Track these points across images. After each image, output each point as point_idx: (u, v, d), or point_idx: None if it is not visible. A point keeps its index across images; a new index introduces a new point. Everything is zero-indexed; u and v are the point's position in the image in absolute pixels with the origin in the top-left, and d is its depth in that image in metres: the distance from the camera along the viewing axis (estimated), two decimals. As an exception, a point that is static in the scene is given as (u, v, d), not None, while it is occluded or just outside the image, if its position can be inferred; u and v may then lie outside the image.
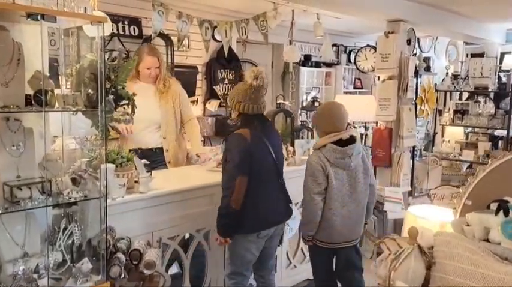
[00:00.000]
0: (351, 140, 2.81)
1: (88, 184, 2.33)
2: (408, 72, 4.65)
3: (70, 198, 2.08)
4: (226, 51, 4.04)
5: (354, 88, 7.61)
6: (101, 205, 2.26)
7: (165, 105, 3.64)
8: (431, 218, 2.84)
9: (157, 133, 3.67)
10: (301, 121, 4.43)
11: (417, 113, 4.94)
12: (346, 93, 7.27)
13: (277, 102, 5.30)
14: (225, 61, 5.70)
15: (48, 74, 2.19)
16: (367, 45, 5.08)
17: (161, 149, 3.68)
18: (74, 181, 2.42)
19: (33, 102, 2.03)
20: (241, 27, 4.02)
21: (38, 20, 1.79)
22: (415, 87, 4.85)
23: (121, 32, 4.71)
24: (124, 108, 2.28)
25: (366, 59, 5.10)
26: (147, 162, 2.97)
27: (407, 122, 4.76)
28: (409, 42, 4.85)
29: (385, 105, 4.79)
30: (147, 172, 2.96)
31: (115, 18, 4.64)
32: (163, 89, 3.60)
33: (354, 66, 7.25)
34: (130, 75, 2.38)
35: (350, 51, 7.37)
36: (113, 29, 4.61)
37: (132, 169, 2.89)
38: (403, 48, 4.74)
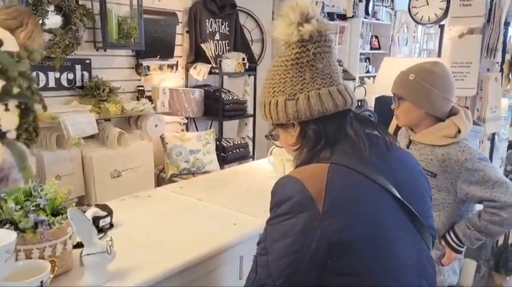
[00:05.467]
0: None
1: None
2: (501, 20, 3.12)
3: None
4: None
5: (371, 49, 6.02)
6: None
7: None
8: None
9: None
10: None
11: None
12: (362, 54, 5.68)
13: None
14: (216, 7, 3.93)
15: None
16: (432, -16, 3.53)
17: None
18: None
19: None
20: None
21: None
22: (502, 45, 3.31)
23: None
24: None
25: (428, 3, 3.52)
26: (102, 213, 1.31)
27: (492, 97, 3.25)
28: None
29: (462, 74, 3.26)
30: (101, 236, 1.30)
31: None
32: None
33: (373, 20, 5.63)
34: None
35: (368, 0, 5.71)
36: None
37: (65, 234, 1.22)
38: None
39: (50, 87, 2.98)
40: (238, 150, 3.86)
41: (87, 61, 3.15)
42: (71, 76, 3.08)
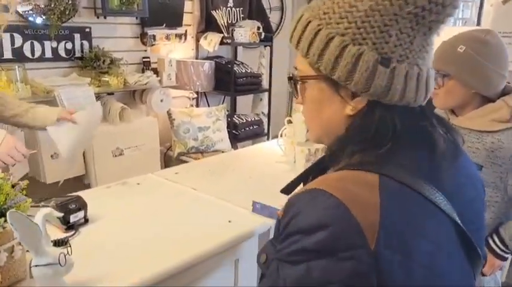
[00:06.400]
0: None
1: None
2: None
3: None
4: None
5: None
6: None
7: None
8: None
9: None
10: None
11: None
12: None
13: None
14: (229, -30, 3.60)
15: None
16: None
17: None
18: None
19: None
20: None
21: None
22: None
23: None
24: None
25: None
26: (58, 214, 1.08)
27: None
28: None
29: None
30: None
31: None
32: None
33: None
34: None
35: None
36: None
37: (12, 240, 1.00)
38: None
39: (47, 57, 2.75)
40: (251, 127, 3.60)
41: (87, 30, 2.90)
42: (69, 46, 2.84)
